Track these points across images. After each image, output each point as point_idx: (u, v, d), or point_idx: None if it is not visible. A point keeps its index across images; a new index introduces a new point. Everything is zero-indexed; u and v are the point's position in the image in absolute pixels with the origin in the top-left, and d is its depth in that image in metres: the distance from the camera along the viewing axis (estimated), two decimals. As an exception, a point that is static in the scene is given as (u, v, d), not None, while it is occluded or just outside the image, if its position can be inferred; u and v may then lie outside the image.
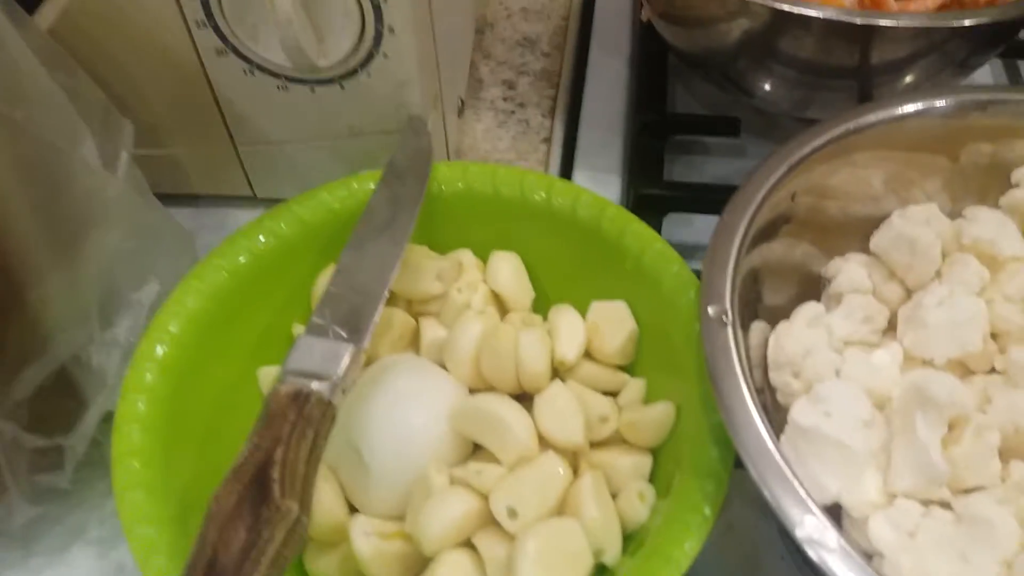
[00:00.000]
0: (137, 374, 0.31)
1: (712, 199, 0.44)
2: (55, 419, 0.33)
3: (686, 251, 0.46)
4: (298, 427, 0.28)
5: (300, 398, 0.28)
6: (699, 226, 0.46)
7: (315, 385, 0.28)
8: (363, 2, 0.35)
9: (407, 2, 0.35)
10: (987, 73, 0.55)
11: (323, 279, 0.36)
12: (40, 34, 0.32)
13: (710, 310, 0.29)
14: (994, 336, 0.32)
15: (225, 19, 0.36)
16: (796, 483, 0.25)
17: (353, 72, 0.38)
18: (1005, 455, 0.29)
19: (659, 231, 0.45)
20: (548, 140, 0.50)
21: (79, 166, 0.29)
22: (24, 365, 0.31)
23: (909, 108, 0.34)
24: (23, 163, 0.28)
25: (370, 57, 0.37)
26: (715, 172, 0.50)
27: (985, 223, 0.33)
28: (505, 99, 0.52)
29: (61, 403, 0.33)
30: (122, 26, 0.37)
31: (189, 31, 0.37)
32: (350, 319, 0.31)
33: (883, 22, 0.41)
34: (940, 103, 0.35)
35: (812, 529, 0.24)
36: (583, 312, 0.36)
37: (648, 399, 0.34)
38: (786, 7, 0.39)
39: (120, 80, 0.39)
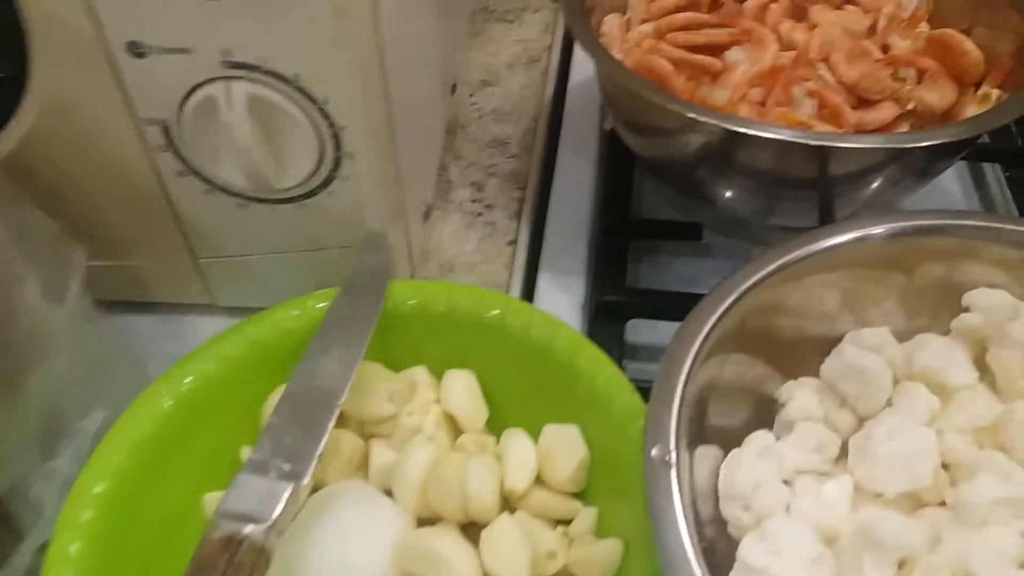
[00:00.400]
0: (73, 511, 0.30)
1: (674, 305, 0.44)
2: (-10, 550, 0.32)
3: (651, 354, 0.46)
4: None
5: (232, 544, 0.28)
6: (664, 329, 0.46)
7: (248, 529, 0.28)
8: (322, 130, 0.36)
9: (366, 130, 0.36)
10: (952, 175, 0.56)
11: (274, 400, 0.36)
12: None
13: (653, 452, 0.29)
14: (945, 467, 0.32)
15: (186, 144, 0.36)
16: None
17: (313, 192, 0.38)
18: (956, 598, 0.28)
19: (622, 335, 0.46)
20: (514, 242, 0.50)
21: (20, 307, 0.29)
22: (-39, 497, 0.31)
23: (853, 235, 0.35)
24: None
25: (329, 179, 0.38)
26: (680, 272, 0.50)
27: (934, 351, 0.33)
28: (473, 200, 0.53)
29: (-3, 534, 0.32)
30: (84, 148, 0.37)
31: (150, 155, 0.37)
32: (292, 452, 0.31)
33: (837, 143, 0.41)
34: (880, 229, 0.35)
35: None
36: (536, 431, 0.35)
37: (600, 528, 0.33)
38: (740, 128, 0.40)
39: (81, 198, 0.39)
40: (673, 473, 0.28)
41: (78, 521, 0.30)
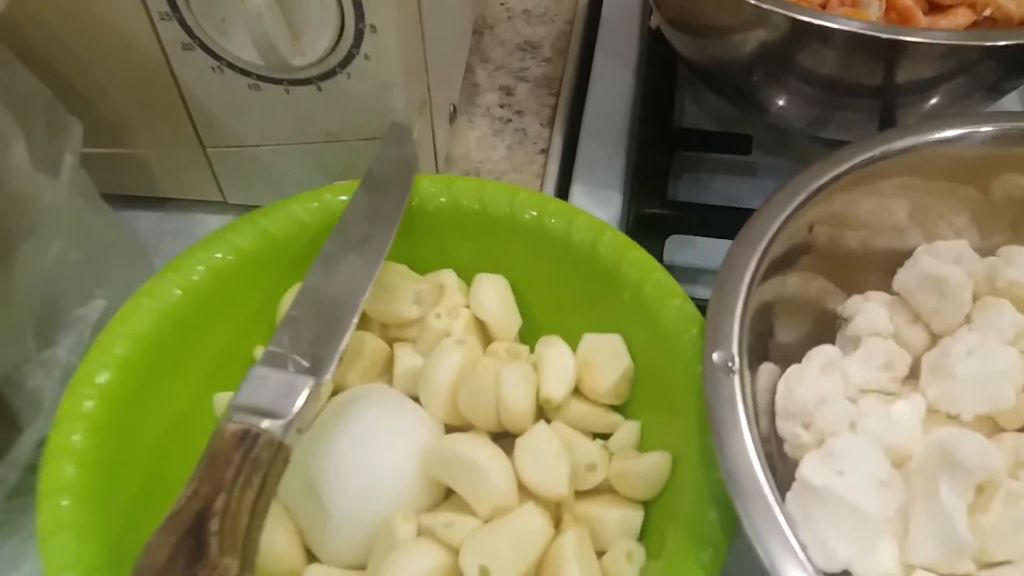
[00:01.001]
0: (74, 401, 0.28)
1: (719, 221, 0.41)
2: (-14, 445, 0.30)
3: (689, 275, 0.43)
4: (243, 471, 0.24)
5: (248, 438, 0.25)
6: (704, 249, 0.43)
7: (266, 424, 0.25)
8: (343, -2, 0.32)
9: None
10: (1015, 101, 0.52)
11: (289, 297, 0.33)
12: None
13: (715, 356, 0.26)
14: (1028, 390, 0.29)
15: (191, 11, 0.33)
16: (803, 556, 0.22)
17: (331, 73, 0.35)
18: (1039, 528, 0.26)
19: (661, 254, 0.43)
20: (546, 151, 0.47)
21: (8, 171, 0.26)
22: (-50, 386, 0.28)
23: (946, 134, 0.31)
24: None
25: (350, 57, 0.34)
26: (723, 191, 0.47)
27: (1023, 264, 0.30)
28: (502, 106, 0.49)
29: (-8, 428, 0.29)
30: (80, 15, 0.34)
31: (152, 23, 0.34)
32: (312, 348, 0.28)
33: (911, 38, 0.37)
34: (981, 130, 0.31)
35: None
36: (574, 344, 0.32)
37: (643, 445, 0.31)
38: (807, 18, 0.36)
39: (78, 74, 0.36)
40: (736, 380, 0.25)
41: (80, 411, 0.28)
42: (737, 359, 0.26)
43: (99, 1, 0.33)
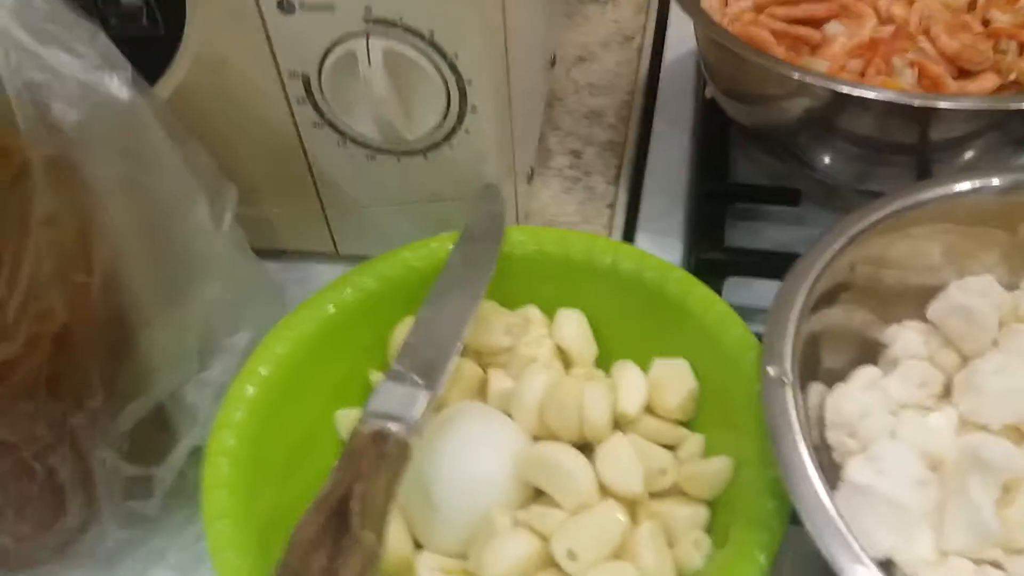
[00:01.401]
0: (228, 411, 0.34)
1: (772, 264, 0.46)
2: (149, 450, 0.35)
3: (745, 313, 0.47)
4: (377, 464, 0.30)
5: (380, 438, 0.30)
6: (758, 290, 0.47)
7: (393, 426, 0.31)
8: (450, 84, 0.38)
9: (491, 85, 0.39)
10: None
11: (400, 331, 0.39)
12: (161, 104, 0.36)
13: (770, 370, 0.30)
14: (1051, 405, 0.33)
15: (324, 97, 0.39)
16: (850, 537, 0.26)
17: (437, 145, 0.41)
18: (1060, 521, 0.29)
19: (720, 294, 0.47)
20: (612, 206, 0.53)
21: (193, 226, 0.32)
22: (130, 400, 0.34)
23: (965, 186, 0.36)
24: (146, 223, 0.31)
25: (453, 132, 0.40)
26: (774, 238, 0.52)
27: (1043, 295, 0.34)
28: (572, 167, 0.55)
29: (155, 436, 0.35)
30: (228, 100, 0.41)
31: (290, 106, 0.40)
32: (426, 368, 0.33)
33: (941, 104, 0.42)
34: (995, 182, 0.36)
35: (863, 579, 0.25)
36: (645, 369, 0.37)
37: (707, 454, 0.35)
38: (845, 89, 0.41)
39: (224, 148, 0.42)
40: (789, 391, 0.30)
41: (232, 420, 0.33)
42: (790, 373, 0.30)
43: (245, 89, 0.40)
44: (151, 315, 0.33)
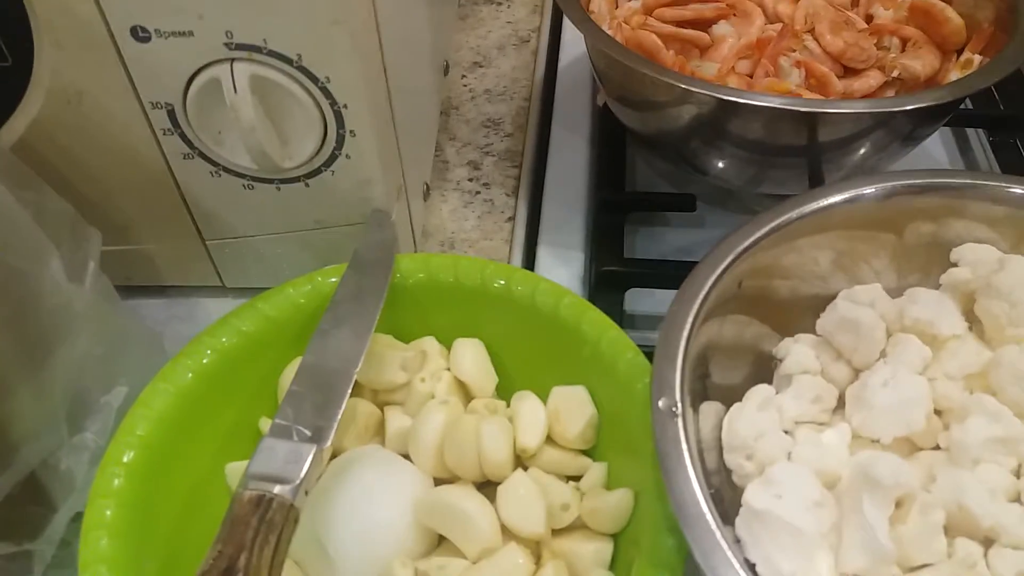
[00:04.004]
0: (105, 480, 0.32)
1: (671, 275, 0.45)
2: (23, 524, 0.33)
3: (649, 322, 0.48)
4: (261, 532, 0.28)
5: (263, 503, 0.29)
6: (662, 298, 0.47)
7: (277, 489, 0.29)
8: (325, 109, 0.37)
9: (367, 108, 0.37)
10: (936, 140, 0.57)
11: (289, 372, 0.37)
12: (5, 154, 0.33)
13: (660, 403, 0.30)
14: (938, 412, 0.33)
15: (191, 127, 0.37)
16: (743, 574, 0.26)
17: (317, 172, 0.39)
18: (950, 532, 0.30)
19: (622, 304, 0.47)
20: (512, 219, 0.52)
21: (47, 285, 0.30)
22: (-7, 475, 0.32)
23: (844, 196, 0.36)
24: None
25: (333, 158, 0.38)
26: (676, 243, 0.52)
27: (925, 304, 0.35)
28: (471, 179, 0.54)
29: (29, 509, 0.33)
30: (91, 135, 0.38)
31: (156, 138, 0.38)
32: (313, 418, 0.32)
33: (827, 109, 0.43)
34: (871, 190, 0.36)
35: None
36: (545, 396, 0.36)
37: (610, 483, 0.35)
38: (731, 97, 0.41)
39: (90, 185, 0.40)
40: (680, 422, 0.30)
41: (110, 488, 0.31)
42: (680, 404, 0.30)
43: (108, 122, 0.38)
44: (8, 384, 0.31)
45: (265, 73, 0.35)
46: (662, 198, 0.52)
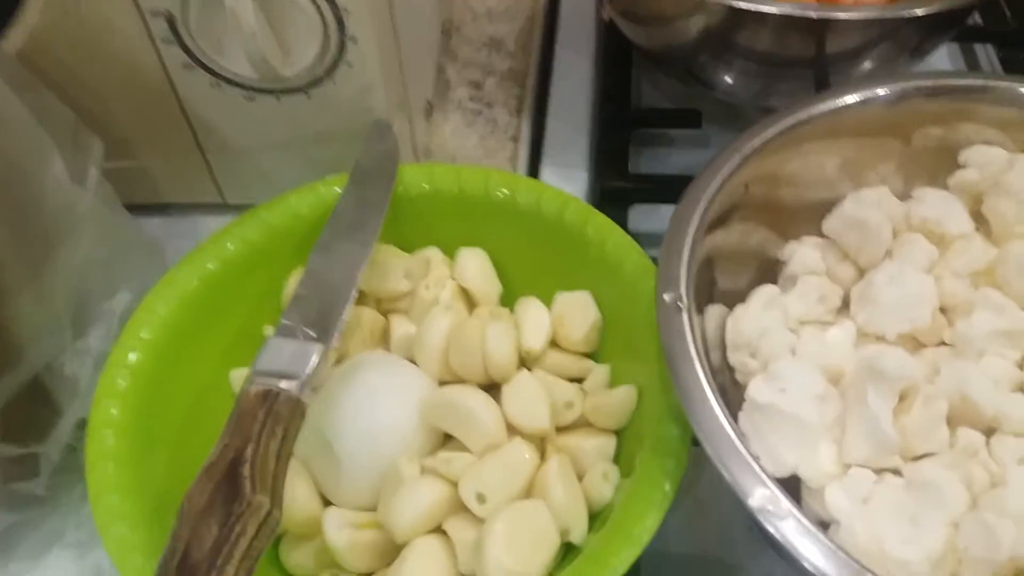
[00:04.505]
0: (110, 380, 0.32)
1: (676, 190, 0.44)
2: (29, 427, 0.33)
3: (653, 240, 0.47)
4: (267, 425, 0.28)
5: (269, 397, 0.29)
6: (665, 216, 0.46)
7: (284, 384, 0.29)
8: (326, 14, 0.36)
9: (369, 13, 0.36)
10: (944, 56, 0.56)
11: (292, 282, 0.37)
12: (7, 58, 0.33)
13: (666, 296, 0.30)
14: (943, 310, 0.33)
15: (191, 35, 0.37)
16: (748, 457, 0.26)
17: (318, 81, 0.39)
18: (953, 423, 0.30)
19: (626, 222, 0.47)
20: (515, 138, 0.51)
21: (49, 184, 0.30)
22: (-2, 376, 0.32)
23: (855, 97, 0.35)
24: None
25: (334, 66, 0.38)
26: (680, 163, 0.51)
27: (932, 203, 0.34)
28: (472, 99, 0.53)
29: (35, 411, 0.33)
30: (90, 46, 0.38)
31: (156, 48, 0.38)
32: (319, 320, 0.32)
33: (837, 15, 0.42)
34: (884, 91, 0.36)
35: (763, 499, 0.25)
36: (550, 303, 0.36)
37: (613, 384, 0.35)
38: (742, 4, 0.40)
39: (89, 97, 0.39)
40: (685, 316, 0.29)
41: (115, 388, 0.32)
42: (685, 298, 0.30)
43: (108, 32, 0.37)
44: (11, 284, 0.31)
45: (265, -24, 0.35)
46: (667, 114, 0.51)
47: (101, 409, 0.31)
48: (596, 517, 0.31)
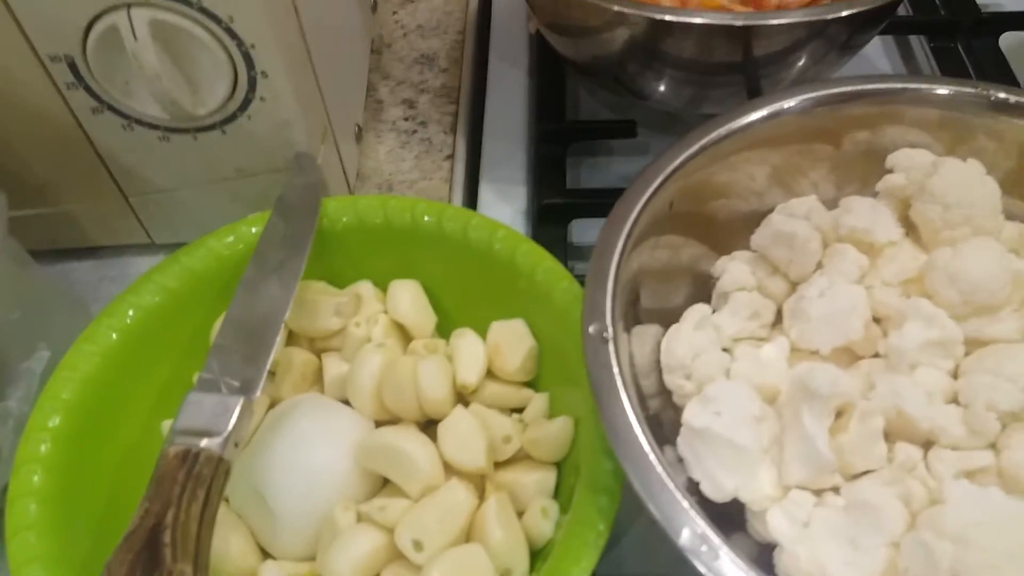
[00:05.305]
0: (30, 446, 0.31)
1: (614, 202, 0.45)
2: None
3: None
4: (188, 488, 0.27)
5: (189, 458, 0.28)
6: (606, 228, 0.47)
7: (205, 443, 0.28)
8: (232, 51, 0.35)
9: (277, 47, 0.35)
10: (879, 49, 0.56)
11: (218, 327, 0.36)
12: None
13: (591, 329, 0.29)
14: (877, 320, 0.33)
15: (95, 79, 0.35)
16: (677, 494, 0.26)
17: (233, 117, 0.37)
18: (890, 438, 0.30)
19: (566, 237, 0.46)
20: (451, 157, 0.50)
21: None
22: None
23: (779, 107, 0.35)
24: None
25: (248, 102, 0.37)
26: (620, 171, 0.51)
27: (860, 212, 0.34)
28: (406, 119, 0.52)
29: (-45, 482, 0.32)
30: (-9, 94, 0.36)
31: (61, 94, 0.36)
32: (241, 369, 0.31)
33: (759, 21, 0.41)
34: (806, 98, 0.36)
35: (692, 539, 0.25)
36: (485, 332, 0.36)
37: (552, 413, 0.34)
38: (663, 16, 0.40)
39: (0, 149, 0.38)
40: (611, 347, 0.29)
41: (37, 454, 0.30)
42: (611, 328, 0.29)
43: (7, 79, 0.36)
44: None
45: (165, 17, 0.34)
46: (603, 125, 0.51)
47: (21, 476, 0.30)
48: (538, 555, 0.31)
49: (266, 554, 0.33)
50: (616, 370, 0.28)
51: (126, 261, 0.45)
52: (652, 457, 0.27)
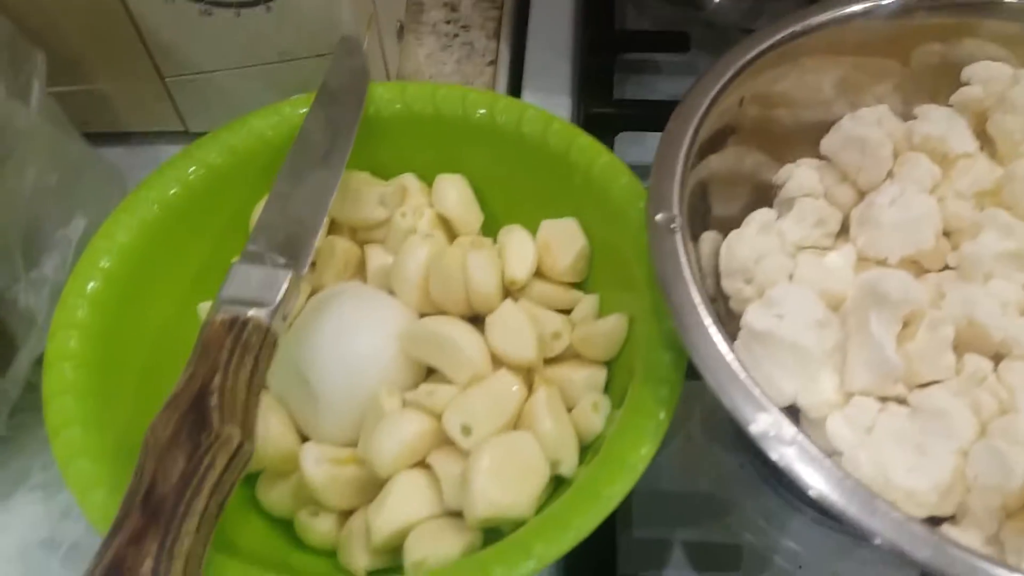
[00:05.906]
0: (67, 310, 0.30)
1: (664, 117, 0.43)
2: (-14, 364, 0.31)
3: (639, 171, 0.45)
4: (236, 354, 0.27)
5: (237, 325, 0.27)
6: (652, 145, 0.45)
7: (252, 312, 0.27)
8: (285, -87, 0.33)
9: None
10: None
11: (259, 210, 0.35)
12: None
13: (658, 217, 0.28)
14: (947, 233, 0.32)
15: (139, -63, 0.34)
16: (749, 382, 0.25)
17: (279, -9, 0.36)
18: (959, 348, 0.29)
19: (612, 150, 0.45)
20: (494, 63, 0.49)
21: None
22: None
23: (855, 8, 0.33)
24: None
25: (296, -28, 0.35)
26: (666, 90, 0.49)
27: (935, 121, 0.33)
28: (448, 22, 0.50)
29: (-10, 348, 0.31)
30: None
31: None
32: (287, 246, 0.30)
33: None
34: (884, 4, 0.34)
35: (765, 425, 0.24)
36: (534, 232, 0.35)
37: (602, 314, 0.33)
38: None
39: (34, 14, 0.36)
40: (679, 237, 0.28)
41: (73, 318, 0.29)
42: (678, 218, 0.28)
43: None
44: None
45: None
46: (653, 37, 0.49)
47: (58, 340, 0.29)
48: (586, 449, 0.30)
49: (305, 439, 0.32)
50: (684, 259, 0.27)
51: (157, 148, 0.43)
52: (722, 345, 0.26)
